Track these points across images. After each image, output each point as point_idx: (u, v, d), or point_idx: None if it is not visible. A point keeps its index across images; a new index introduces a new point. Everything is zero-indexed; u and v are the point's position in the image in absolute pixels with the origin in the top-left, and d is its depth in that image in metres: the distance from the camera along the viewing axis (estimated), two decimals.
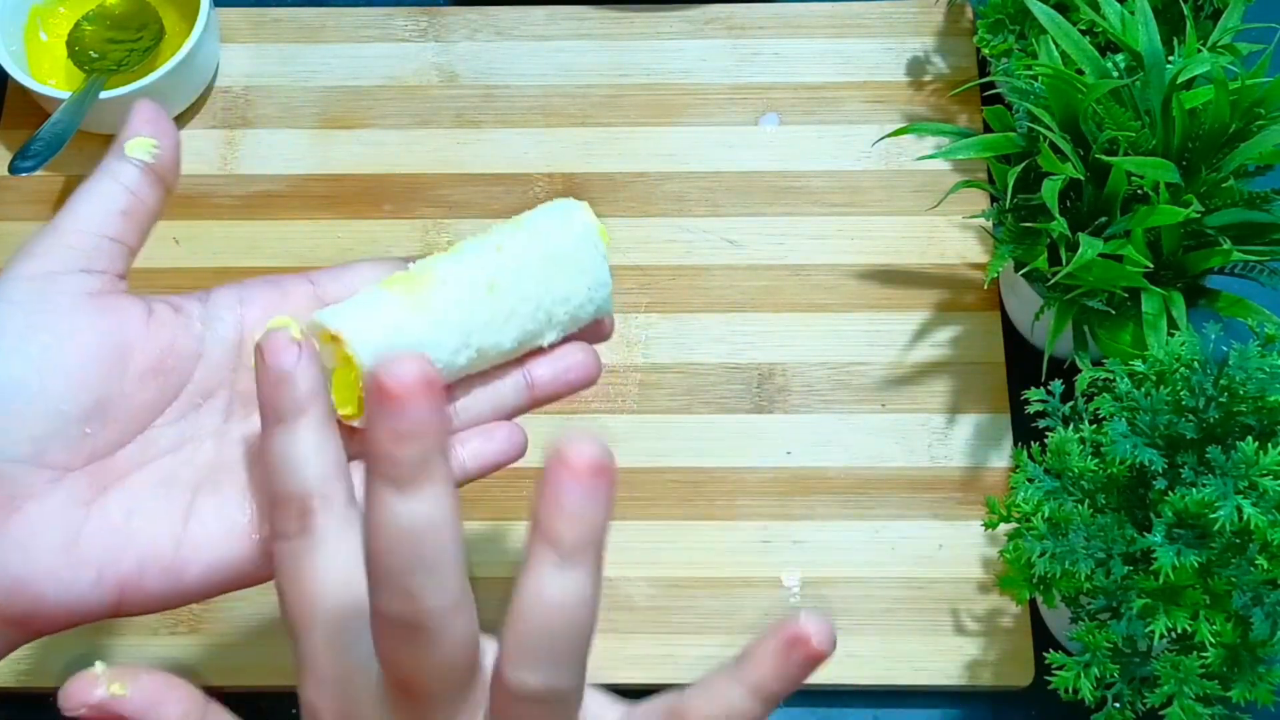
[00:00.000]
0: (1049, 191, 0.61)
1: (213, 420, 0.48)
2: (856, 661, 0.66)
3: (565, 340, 0.52)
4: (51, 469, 0.44)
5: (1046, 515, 0.55)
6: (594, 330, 0.53)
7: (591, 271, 0.51)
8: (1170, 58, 0.63)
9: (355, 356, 0.46)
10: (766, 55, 0.81)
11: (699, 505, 0.69)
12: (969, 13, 0.81)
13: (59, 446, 0.44)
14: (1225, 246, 0.61)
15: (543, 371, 0.51)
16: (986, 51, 0.73)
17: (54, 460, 0.44)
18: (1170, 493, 0.53)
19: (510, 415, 0.52)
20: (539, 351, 0.52)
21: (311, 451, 0.42)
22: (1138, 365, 0.57)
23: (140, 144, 0.47)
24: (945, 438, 0.70)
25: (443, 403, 0.34)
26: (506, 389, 0.51)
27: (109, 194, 0.47)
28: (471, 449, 0.50)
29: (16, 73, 0.75)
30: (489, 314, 0.49)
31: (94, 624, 0.67)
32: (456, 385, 0.50)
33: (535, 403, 0.52)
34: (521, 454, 0.51)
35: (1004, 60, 0.72)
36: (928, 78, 0.80)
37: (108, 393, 0.45)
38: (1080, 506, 0.55)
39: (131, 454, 0.46)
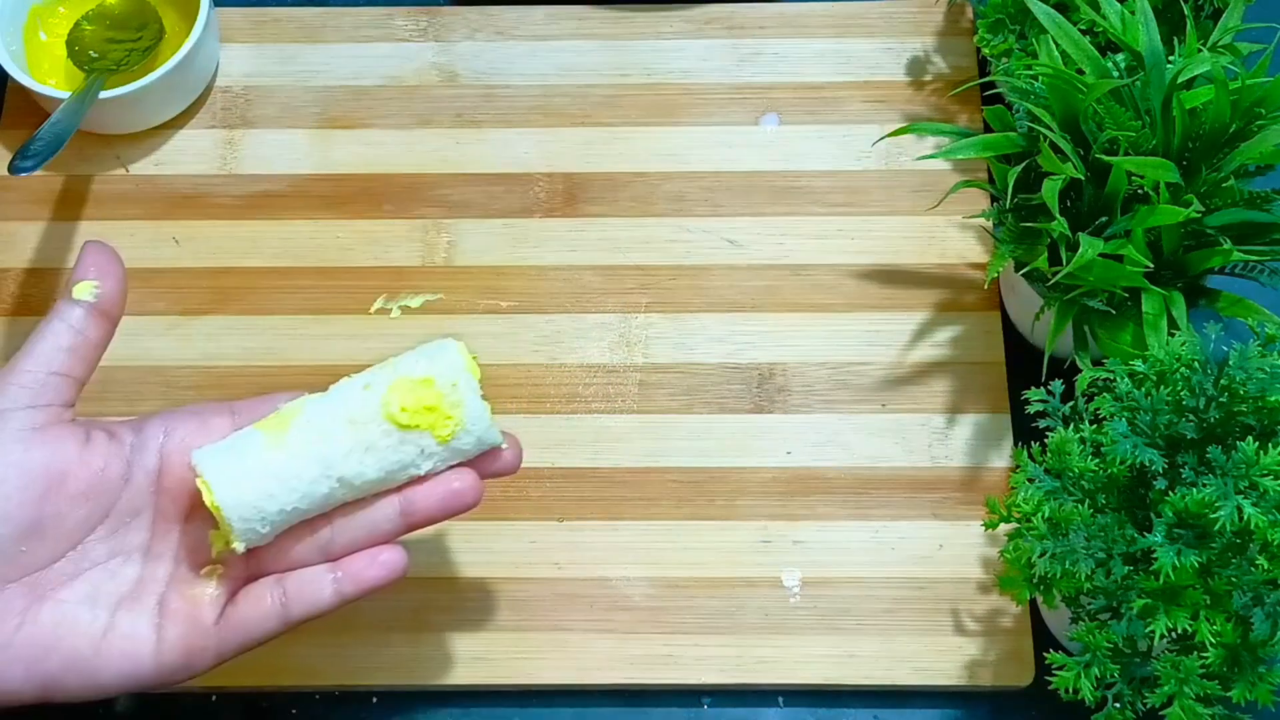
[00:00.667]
0: (1049, 191, 0.61)
1: (140, 536, 0.55)
2: (856, 661, 0.66)
3: (451, 468, 0.57)
4: None
5: (1047, 515, 0.55)
6: (490, 458, 0.57)
7: (463, 405, 0.55)
8: (1170, 58, 0.63)
9: (210, 494, 0.53)
10: (767, 55, 0.81)
11: (699, 505, 0.69)
12: (969, 13, 0.81)
13: None
14: (1225, 246, 0.61)
15: (419, 498, 0.56)
16: (987, 51, 0.73)
17: None
18: (1170, 493, 0.53)
19: (388, 539, 0.57)
20: (420, 479, 0.57)
21: None
22: (1138, 365, 0.57)
23: (84, 287, 0.55)
24: (945, 438, 0.70)
25: None
26: (380, 515, 0.56)
27: (57, 334, 0.54)
28: (352, 571, 0.56)
29: (16, 73, 0.75)
30: (349, 445, 0.55)
31: None
32: (333, 513, 0.56)
33: (411, 527, 0.57)
34: (401, 575, 0.56)
35: (1004, 60, 0.72)
36: (928, 78, 0.80)
37: (43, 515, 0.52)
38: (1080, 506, 0.55)
39: (64, 567, 0.53)
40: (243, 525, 0.53)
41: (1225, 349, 0.56)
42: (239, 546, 0.54)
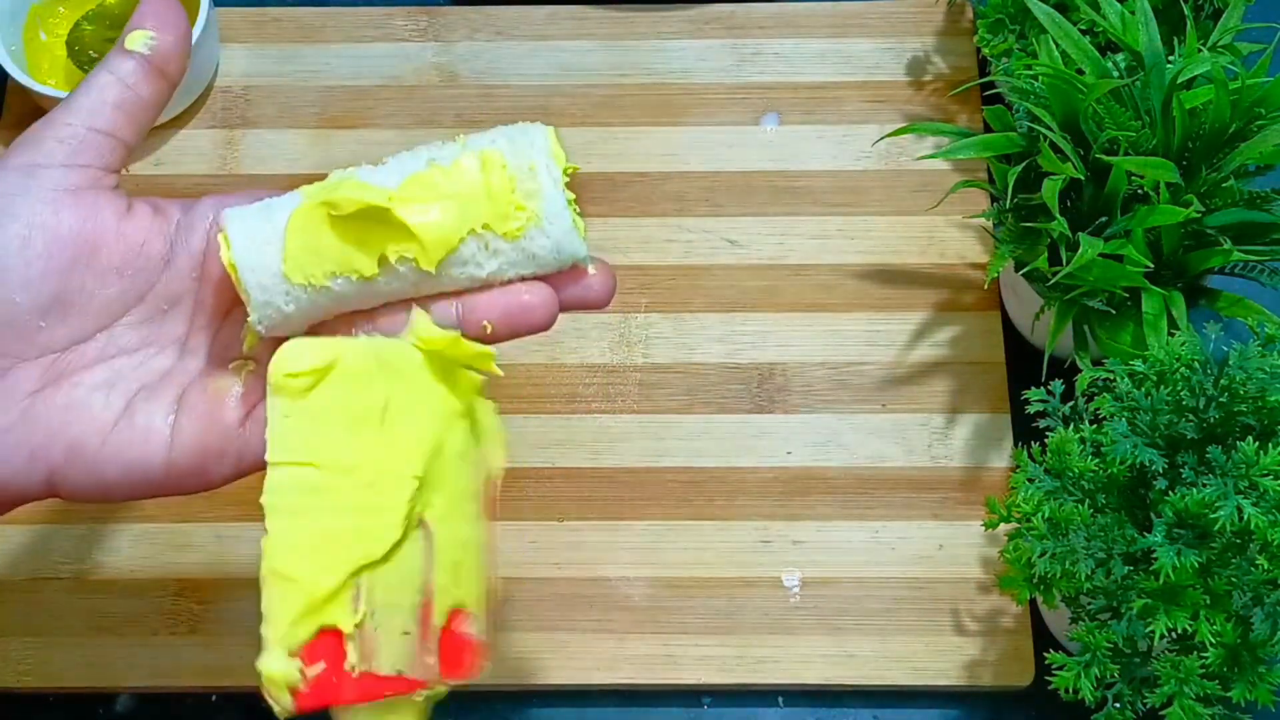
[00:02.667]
0: (1049, 191, 0.61)
1: (177, 328, 0.48)
2: (856, 661, 0.66)
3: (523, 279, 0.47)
4: (2, 356, 0.45)
5: (1047, 515, 0.55)
6: (572, 278, 0.48)
7: (539, 196, 0.45)
8: (1170, 57, 0.63)
9: (229, 250, 0.45)
10: (766, 55, 0.81)
11: (699, 505, 0.69)
12: (969, 13, 0.81)
13: (11, 336, 0.45)
14: (1225, 246, 0.61)
15: (479, 303, 0.47)
16: (986, 51, 0.73)
17: (6, 349, 0.45)
18: (1170, 493, 0.53)
19: None
20: (484, 286, 0.46)
21: None
22: (1138, 365, 0.57)
23: (137, 37, 0.47)
24: (945, 438, 0.70)
25: None
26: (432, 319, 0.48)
27: (103, 86, 0.47)
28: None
29: (16, 73, 0.75)
30: None
31: (96, 626, 0.67)
32: (377, 313, 0.47)
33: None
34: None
35: (1004, 60, 0.72)
36: (928, 78, 0.80)
37: (68, 287, 0.46)
38: (1080, 506, 0.55)
39: (90, 350, 0.47)
40: (261, 296, 0.45)
41: (1225, 349, 0.56)
42: (256, 323, 0.45)
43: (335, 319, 0.46)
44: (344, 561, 0.43)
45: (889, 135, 0.70)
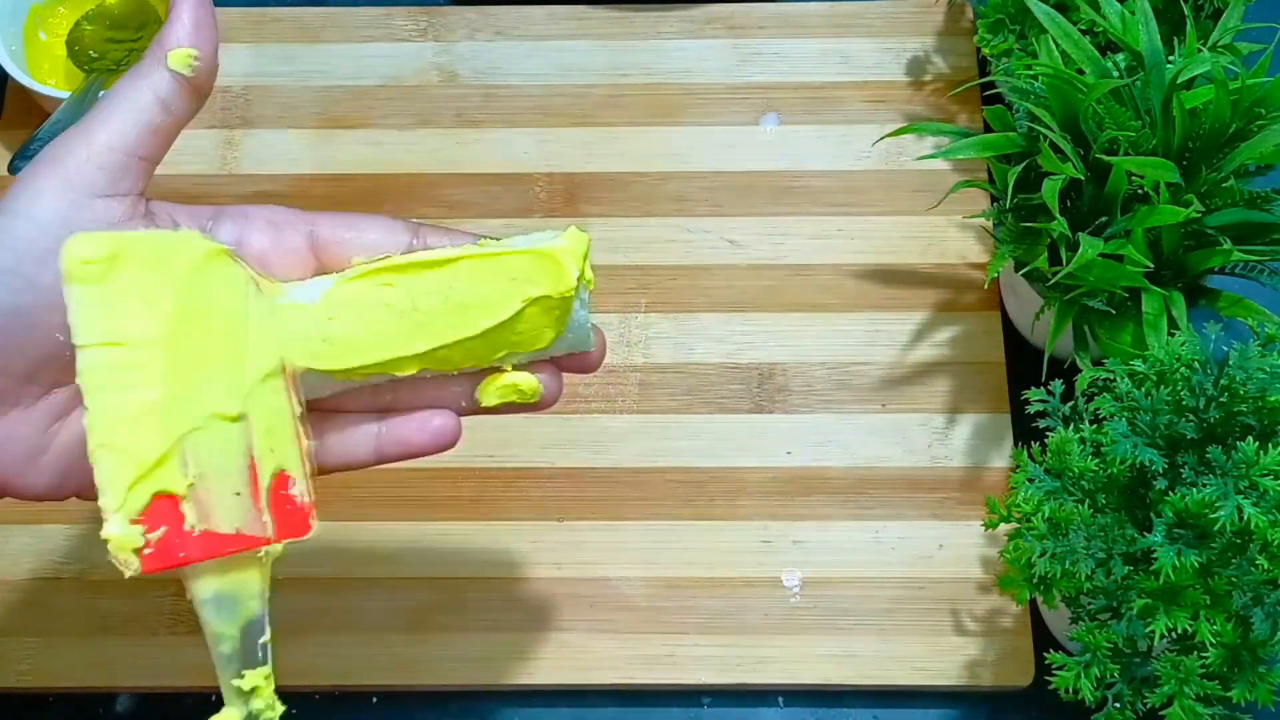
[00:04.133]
0: (1049, 191, 0.61)
1: None
2: (856, 661, 0.66)
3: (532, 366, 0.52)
4: (41, 385, 0.46)
5: (1046, 515, 0.55)
6: (575, 356, 0.52)
7: (567, 314, 0.50)
8: (1170, 57, 0.63)
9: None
10: (766, 55, 0.81)
11: (699, 505, 0.69)
12: (969, 13, 0.81)
13: (51, 366, 0.46)
14: (1225, 246, 0.61)
15: (495, 389, 0.52)
16: (986, 51, 0.73)
17: (45, 379, 0.46)
18: (1170, 493, 0.53)
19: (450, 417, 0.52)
20: (493, 371, 0.51)
21: None
22: (1138, 365, 0.57)
23: (182, 57, 0.47)
24: (945, 438, 0.70)
25: None
26: (449, 395, 0.51)
27: (145, 108, 0.46)
28: (398, 433, 0.51)
29: (16, 73, 0.75)
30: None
31: (96, 626, 0.67)
32: (399, 381, 0.50)
33: (479, 411, 0.52)
34: (450, 445, 0.52)
35: (1004, 60, 0.72)
36: (928, 78, 0.79)
37: None
38: (1080, 506, 0.55)
39: None
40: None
41: (1225, 349, 0.56)
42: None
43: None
44: (166, 429, 0.45)
45: (889, 135, 0.70)
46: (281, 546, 0.48)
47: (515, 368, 0.51)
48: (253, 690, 0.48)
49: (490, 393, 0.51)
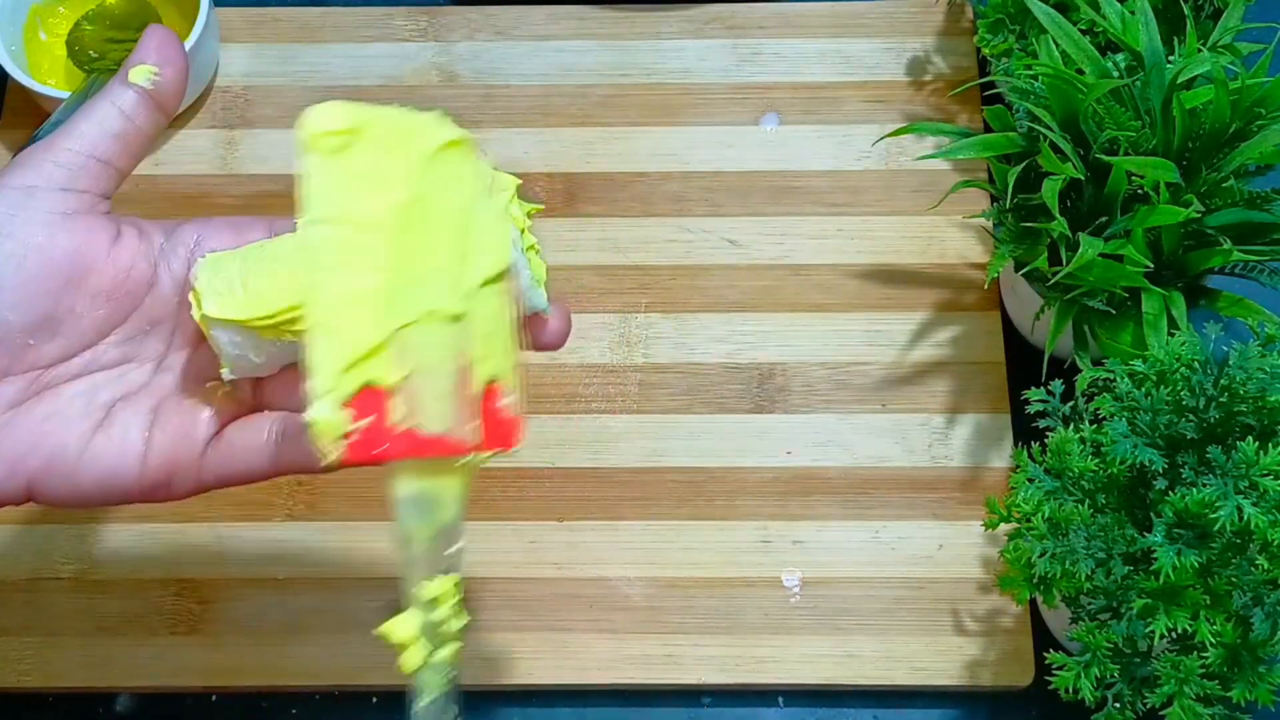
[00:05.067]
0: (1049, 191, 0.61)
1: (156, 347, 0.50)
2: (856, 661, 0.66)
3: None
4: None
5: (1046, 515, 0.55)
6: (533, 325, 0.51)
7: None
8: (1170, 57, 0.63)
9: (199, 307, 0.46)
10: (766, 55, 0.81)
11: (699, 505, 0.69)
12: (969, 12, 0.81)
13: (1, 353, 0.46)
14: (1225, 246, 0.61)
15: None
16: (987, 51, 0.73)
17: None
18: (1170, 493, 0.53)
19: None
20: None
21: None
22: (1138, 365, 0.57)
23: (141, 71, 0.49)
24: (945, 438, 0.70)
25: None
26: None
27: (104, 117, 0.49)
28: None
29: (16, 73, 0.75)
30: None
31: (96, 626, 0.67)
32: None
33: None
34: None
35: (1004, 60, 0.72)
36: (928, 78, 0.80)
37: (58, 309, 0.47)
38: (1080, 506, 0.55)
39: (72, 367, 0.49)
40: (233, 350, 0.47)
41: (1225, 349, 0.56)
42: (225, 372, 0.48)
43: None
44: (384, 318, 0.44)
45: (889, 135, 0.70)
46: (487, 456, 0.46)
47: None
48: (436, 599, 0.47)
49: None
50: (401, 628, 0.46)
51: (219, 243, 0.50)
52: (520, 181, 0.49)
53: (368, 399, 0.44)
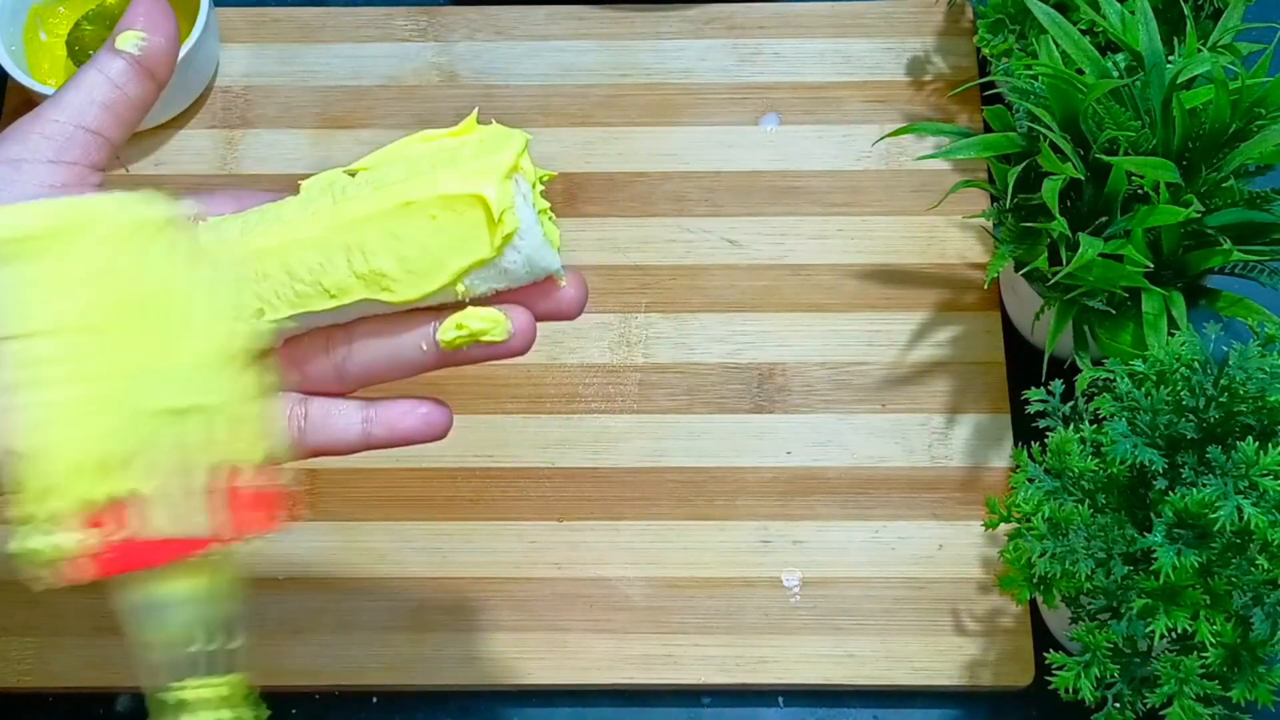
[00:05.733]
0: (1049, 191, 0.61)
1: None
2: (856, 661, 0.66)
3: (499, 297, 0.47)
4: None
5: (1046, 515, 0.55)
6: (544, 291, 0.48)
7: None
8: (1170, 57, 0.63)
9: None
10: (766, 55, 0.81)
11: (699, 505, 0.69)
12: (969, 13, 0.81)
13: None
14: (1225, 246, 0.61)
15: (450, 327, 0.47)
16: (987, 51, 0.73)
17: None
18: (1170, 493, 0.53)
19: (414, 371, 0.48)
20: (458, 305, 0.46)
21: None
22: (1138, 365, 0.57)
23: (128, 37, 0.47)
24: (945, 438, 0.70)
25: None
26: (407, 340, 0.47)
27: (92, 85, 0.47)
28: (386, 416, 0.48)
29: (16, 73, 0.75)
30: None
31: (96, 626, 0.67)
32: (354, 327, 0.47)
33: (444, 362, 0.48)
34: (441, 436, 0.49)
35: (1004, 60, 0.72)
36: (928, 78, 0.80)
37: None
38: (1080, 506, 0.55)
39: None
40: None
41: (1225, 349, 0.56)
42: None
43: (313, 331, 0.47)
44: (98, 430, 0.41)
45: (889, 135, 0.70)
46: (241, 542, 0.43)
47: (474, 303, 0.46)
48: (181, 704, 0.43)
49: (449, 327, 0.46)
50: None
51: (219, 211, 0.47)
52: (530, 137, 0.46)
53: (92, 513, 0.41)
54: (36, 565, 0.41)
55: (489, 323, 0.46)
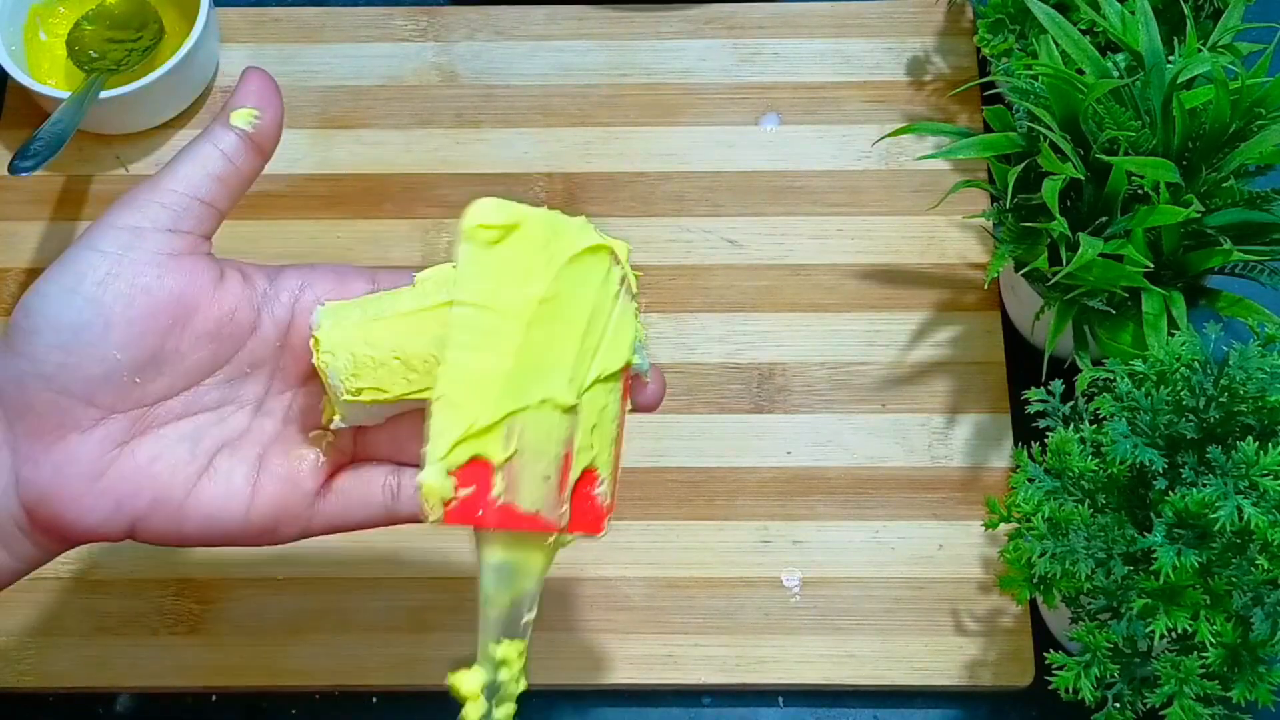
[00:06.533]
0: (1049, 191, 0.61)
1: (255, 390, 0.51)
2: (856, 661, 0.66)
3: None
4: (99, 408, 0.47)
5: (1046, 515, 0.55)
6: (634, 387, 0.53)
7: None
8: (1170, 57, 0.63)
9: (319, 353, 0.49)
10: (766, 55, 0.81)
11: (699, 505, 0.69)
12: (969, 12, 0.81)
13: (109, 390, 0.47)
14: (1225, 246, 0.61)
15: None
16: (986, 51, 0.73)
17: (102, 401, 0.47)
18: (1170, 493, 0.53)
19: None
20: None
21: None
22: (1138, 365, 0.57)
23: (244, 114, 0.50)
24: (945, 438, 0.70)
25: None
26: None
27: (207, 158, 0.50)
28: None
29: (16, 73, 0.75)
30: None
31: (96, 626, 0.67)
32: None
33: None
34: None
35: (1004, 60, 0.72)
36: (928, 78, 0.80)
37: (164, 349, 0.48)
38: (1080, 506, 0.55)
39: (174, 406, 0.49)
40: (348, 399, 0.49)
41: (1225, 349, 0.56)
42: (337, 420, 0.50)
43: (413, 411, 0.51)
44: (503, 400, 0.47)
45: (889, 135, 0.70)
46: (572, 538, 0.50)
47: None
48: (503, 661, 0.49)
49: None
50: (469, 681, 0.48)
51: (323, 289, 0.51)
52: (630, 247, 0.52)
53: (474, 470, 0.47)
54: (427, 498, 0.47)
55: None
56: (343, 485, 0.51)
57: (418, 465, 0.47)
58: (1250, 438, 0.53)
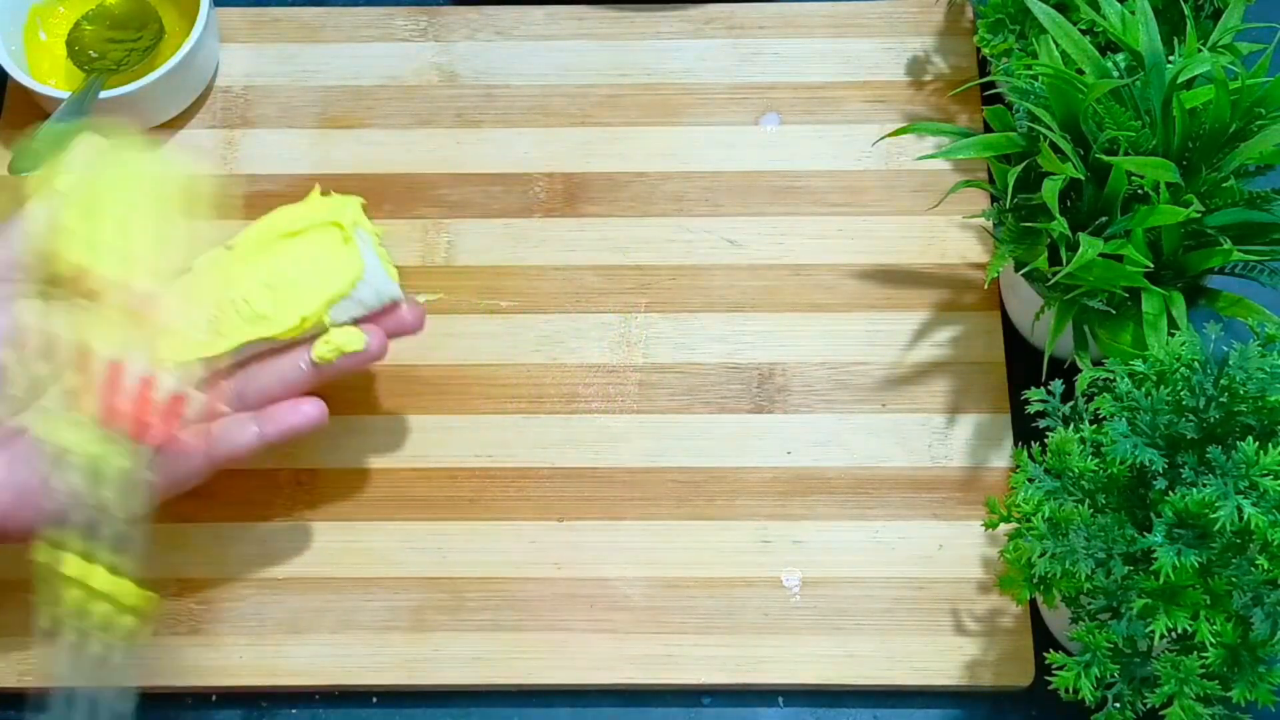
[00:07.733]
0: (1049, 191, 0.61)
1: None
2: (856, 661, 0.66)
3: (358, 324, 0.64)
4: None
5: (1047, 515, 0.55)
6: (392, 314, 0.64)
7: (360, 260, 0.63)
8: (1170, 57, 0.63)
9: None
10: (766, 55, 0.81)
11: (698, 505, 0.69)
12: (969, 12, 0.81)
13: None
14: (1225, 246, 0.61)
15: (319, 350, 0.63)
16: (987, 51, 0.73)
17: None
18: (1170, 493, 0.53)
19: (300, 390, 0.63)
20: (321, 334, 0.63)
21: None
22: (1138, 365, 0.57)
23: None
24: (945, 438, 0.70)
25: None
26: (288, 364, 0.63)
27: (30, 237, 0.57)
28: (273, 415, 0.62)
29: (16, 73, 0.75)
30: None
31: None
32: (247, 361, 0.63)
33: (321, 378, 0.63)
34: (319, 425, 0.62)
35: (1004, 60, 0.72)
36: (928, 78, 0.80)
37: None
38: (1080, 506, 0.55)
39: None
40: None
41: (1225, 349, 0.56)
42: None
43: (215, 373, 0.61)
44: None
45: (889, 135, 0.70)
46: (131, 445, 0.57)
47: (335, 328, 0.63)
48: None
49: (319, 345, 0.63)
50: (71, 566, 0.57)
51: None
52: (364, 200, 0.66)
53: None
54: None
55: (348, 336, 0.63)
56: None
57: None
58: (1250, 438, 0.53)
